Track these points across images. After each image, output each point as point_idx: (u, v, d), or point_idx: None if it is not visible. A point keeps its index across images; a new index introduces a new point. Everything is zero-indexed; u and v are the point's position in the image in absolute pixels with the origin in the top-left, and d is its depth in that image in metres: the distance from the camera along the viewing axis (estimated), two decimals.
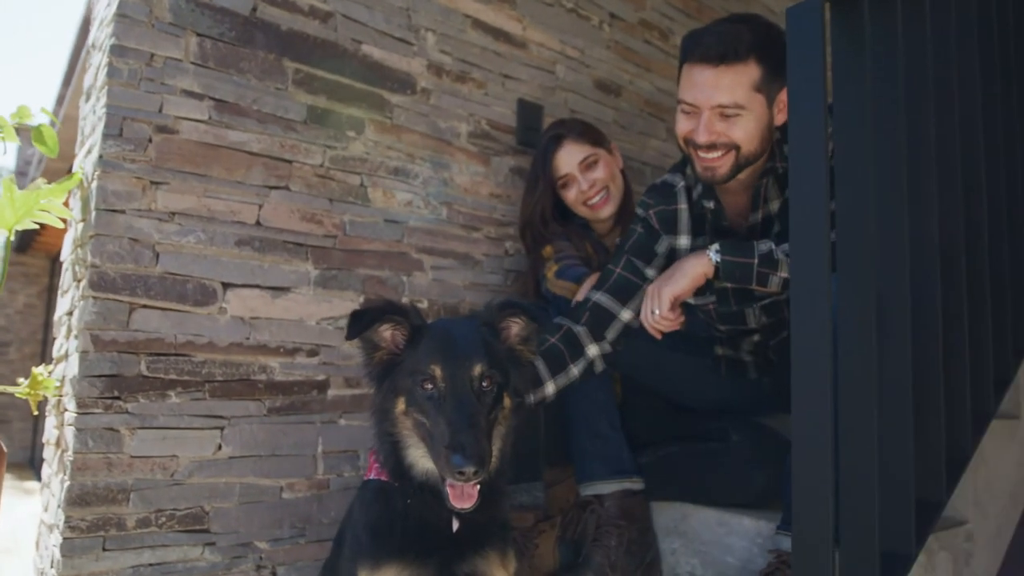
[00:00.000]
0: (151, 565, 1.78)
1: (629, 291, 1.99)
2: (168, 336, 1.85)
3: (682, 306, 1.85)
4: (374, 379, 1.47)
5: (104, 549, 1.72)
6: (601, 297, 2.00)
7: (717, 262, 1.77)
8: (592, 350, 1.99)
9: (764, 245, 1.77)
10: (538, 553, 2.04)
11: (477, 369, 1.38)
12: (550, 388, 1.94)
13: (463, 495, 1.29)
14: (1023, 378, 2.09)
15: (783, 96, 1.79)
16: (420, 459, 1.39)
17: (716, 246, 1.79)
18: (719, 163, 1.81)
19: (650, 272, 2.01)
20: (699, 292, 1.94)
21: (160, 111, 1.87)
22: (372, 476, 1.48)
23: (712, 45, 1.72)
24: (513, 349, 1.50)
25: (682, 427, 2.19)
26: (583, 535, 2.03)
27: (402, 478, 1.40)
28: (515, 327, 1.51)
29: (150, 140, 1.86)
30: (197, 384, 1.88)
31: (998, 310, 1.84)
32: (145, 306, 1.82)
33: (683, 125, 1.84)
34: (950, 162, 1.71)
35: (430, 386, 1.37)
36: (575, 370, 1.98)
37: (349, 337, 1.42)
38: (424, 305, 2.34)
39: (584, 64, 2.89)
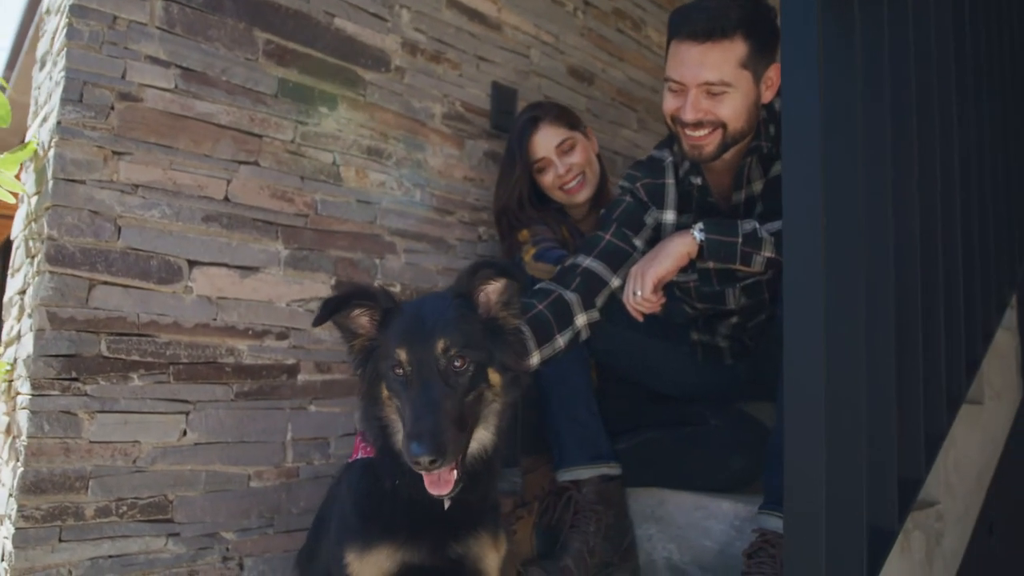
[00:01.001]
0: (111, 557, 1.68)
1: (620, 258, 1.94)
2: (130, 315, 1.75)
3: (663, 289, 1.83)
4: (357, 366, 1.41)
5: (60, 540, 1.62)
6: (592, 263, 1.93)
7: (701, 241, 1.76)
8: (581, 319, 1.91)
9: (748, 224, 1.77)
10: (515, 539, 2.01)
11: (441, 346, 1.29)
12: (535, 359, 1.84)
13: (438, 481, 1.23)
14: (987, 366, 2.16)
15: (770, 73, 1.79)
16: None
17: (700, 225, 1.78)
18: (706, 141, 1.80)
19: (638, 243, 1.97)
20: (681, 271, 1.93)
21: (123, 77, 1.77)
22: (360, 455, 1.43)
23: (699, 21, 1.71)
24: (494, 318, 1.40)
25: (659, 413, 2.19)
26: (560, 521, 2.00)
27: (390, 460, 1.35)
28: (493, 292, 1.41)
29: (112, 107, 1.75)
30: (161, 366, 1.79)
31: (970, 296, 1.88)
32: (106, 283, 1.72)
33: (670, 103, 1.83)
34: (930, 158, 1.74)
35: (399, 371, 1.31)
36: (561, 340, 1.88)
37: (315, 323, 1.36)
38: (397, 289, 2.28)
39: (558, 50, 2.87)
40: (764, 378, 2.14)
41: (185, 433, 1.82)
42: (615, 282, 1.93)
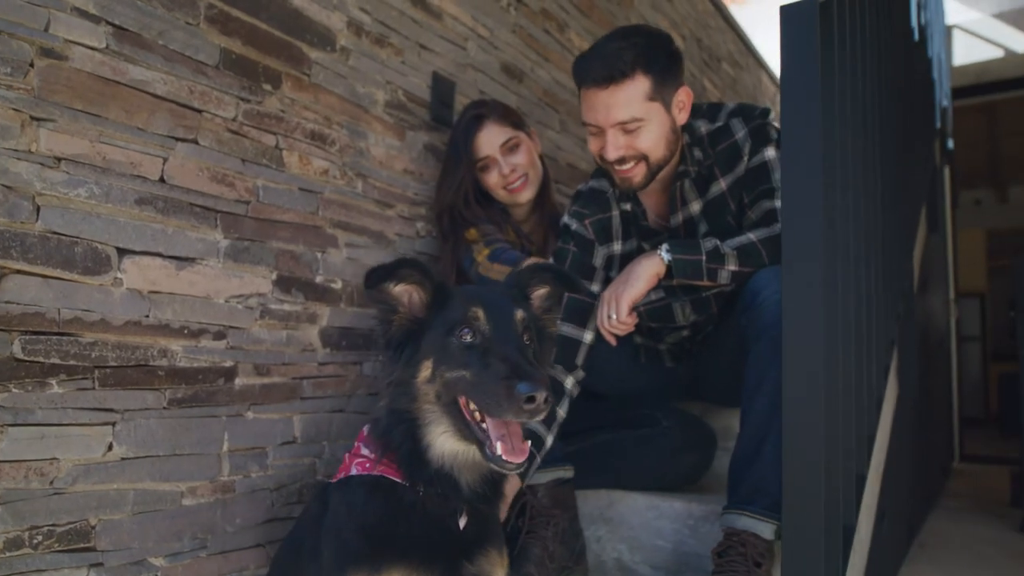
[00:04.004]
0: None
1: (584, 312, 2.00)
2: (50, 311, 1.49)
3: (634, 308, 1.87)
4: (393, 348, 1.31)
5: None
6: (563, 328, 1.98)
7: (669, 261, 1.82)
8: (569, 382, 1.99)
9: (709, 243, 1.84)
10: None
11: (520, 316, 1.30)
12: (549, 440, 1.92)
13: (516, 448, 1.18)
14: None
15: (680, 96, 1.91)
16: (439, 438, 1.26)
17: (666, 245, 1.84)
18: (632, 173, 1.90)
19: (595, 287, 2.03)
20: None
21: (47, 30, 1.50)
22: (355, 472, 1.30)
23: (598, 69, 1.81)
24: (538, 319, 1.41)
25: (609, 415, 2.21)
26: (516, 527, 1.97)
27: (414, 464, 1.25)
28: (540, 295, 1.45)
29: (32, 65, 1.48)
30: (85, 370, 1.54)
31: (883, 310, 2.08)
32: (20, 272, 1.45)
33: (593, 144, 1.94)
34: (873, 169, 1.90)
35: (469, 335, 1.26)
36: (561, 412, 1.96)
37: (369, 286, 1.26)
38: (338, 286, 2.13)
39: (493, 45, 2.82)
40: (702, 379, 2.24)
41: (111, 447, 1.58)
42: (587, 337, 2.01)
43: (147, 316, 1.65)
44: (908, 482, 3.03)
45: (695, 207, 2.01)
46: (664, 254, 1.82)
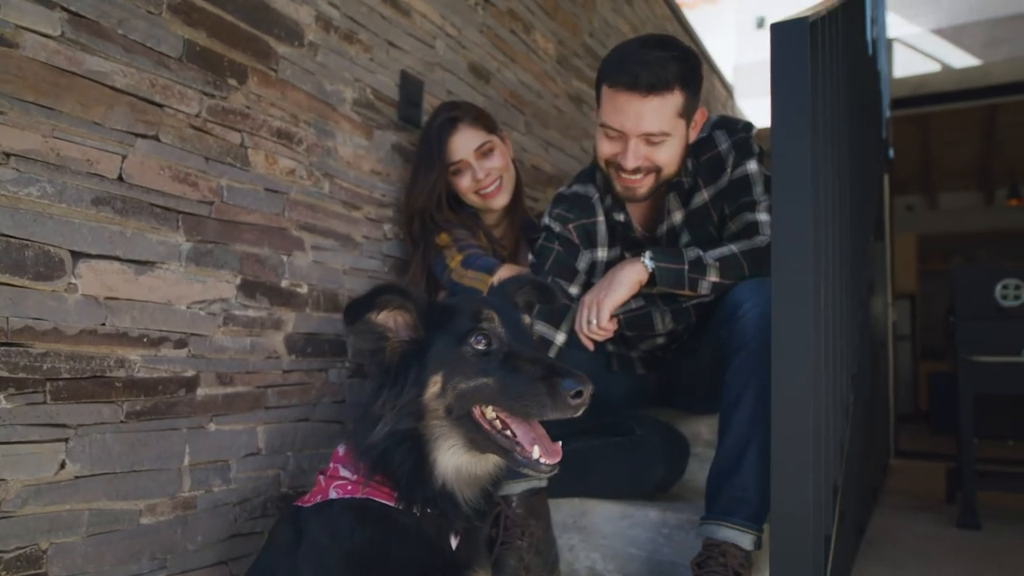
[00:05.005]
0: None
1: (560, 314, 1.95)
2: None
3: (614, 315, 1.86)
4: (393, 373, 1.24)
5: None
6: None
7: (652, 269, 1.81)
8: None
9: (692, 252, 1.84)
10: None
11: (527, 319, 1.37)
12: None
13: (550, 450, 1.20)
14: None
15: (696, 116, 1.89)
16: (446, 453, 1.22)
17: (649, 253, 1.83)
18: (639, 184, 1.87)
19: (574, 290, 1.99)
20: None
21: None
22: (335, 495, 1.24)
23: (641, 75, 1.75)
24: None
25: (582, 423, 2.18)
26: (490, 537, 1.93)
27: (414, 484, 1.20)
28: (520, 303, 1.47)
29: None
30: (36, 383, 1.43)
31: (849, 318, 2.12)
32: None
33: (606, 148, 1.87)
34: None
35: (484, 342, 1.24)
36: None
37: (349, 323, 1.20)
38: (304, 291, 2.05)
39: (461, 44, 2.76)
40: (673, 387, 2.25)
41: (64, 465, 1.47)
42: (559, 338, 1.96)
43: (103, 324, 1.55)
44: (859, 480, 3.11)
45: (677, 216, 2.01)
46: (647, 261, 1.81)
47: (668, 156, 1.86)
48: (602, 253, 2.05)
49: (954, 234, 11.36)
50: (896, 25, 6.42)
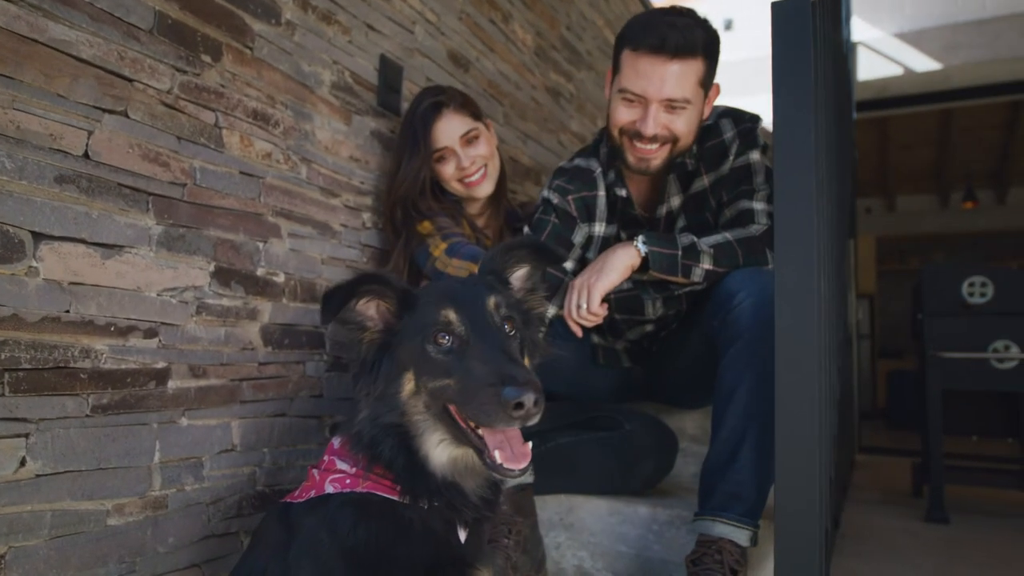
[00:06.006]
0: None
1: (553, 286, 1.89)
2: None
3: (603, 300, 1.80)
4: (369, 367, 1.17)
5: None
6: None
7: (646, 253, 1.76)
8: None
9: (686, 238, 1.80)
10: None
11: (493, 303, 1.20)
12: None
13: (516, 454, 1.08)
14: None
15: (712, 92, 1.85)
16: (436, 448, 1.15)
17: (642, 237, 1.78)
18: (655, 155, 1.81)
19: (568, 265, 1.93)
20: None
21: None
22: (331, 490, 1.16)
23: (669, 38, 1.71)
24: (521, 301, 1.31)
25: (569, 418, 2.14)
26: None
27: (415, 478, 1.13)
28: (520, 276, 1.34)
29: None
30: None
31: (835, 312, 2.11)
32: None
33: (624, 114, 1.81)
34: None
35: (446, 338, 1.16)
36: None
37: (325, 319, 1.11)
38: (280, 280, 1.96)
39: (440, 31, 2.69)
40: (660, 381, 2.21)
41: (24, 463, 1.36)
42: (549, 311, 1.89)
43: (67, 311, 1.44)
44: (833, 476, 3.13)
45: (675, 201, 1.98)
46: (640, 245, 1.76)
47: (686, 126, 1.82)
48: (599, 228, 1.99)
49: (911, 236, 11.67)
50: (860, 29, 6.54)
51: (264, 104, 1.91)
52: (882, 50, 6.55)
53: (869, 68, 6.67)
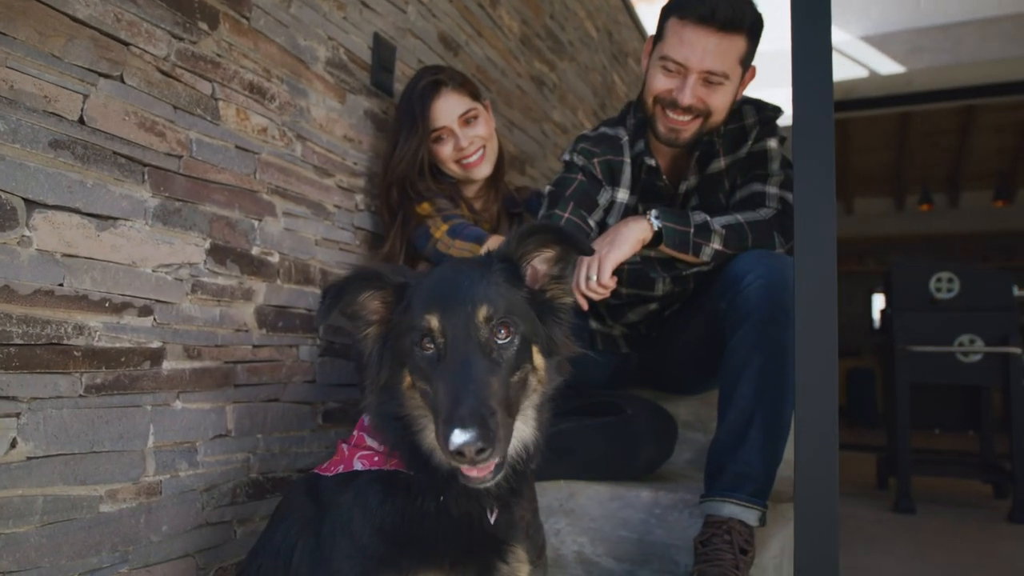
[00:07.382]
0: None
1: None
2: None
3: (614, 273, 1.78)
4: (377, 359, 1.13)
5: None
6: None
7: (659, 228, 1.75)
8: None
9: (699, 216, 1.80)
10: None
11: (483, 313, 1.07)
12: None
13: (473, 467, 0.98)
14: None
15: (748, 75, 1.87)
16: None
17: (655, 212, 1.77)
18: (687, 127, 1.81)
19: (592, 223, 1.91)
20: None
21: None
22: (359, 467, 1.12)
23: (720, 9, 1.70)
24: (542, 291, 1.21)
25: (567, 402, 2.11)
26: None
27: (422, 468, 1.08)
28: (543, 260, 1.21)
29: None
30: None
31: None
32: None
33: (662, 82, 1.81)
34: None
35: (428, 345, 1.08)
36: None
37: (320, 321, 1.08)
38: (275, 259, 1.89)
39: (432, 13, 2.64)
40: (656, 367, 2.21)
41: (15, 444, 1.28)
42: None
43: (61, 284, 1.36)
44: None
45: (692, 180, 1.98)
46: (654, 220, 1.75)
47: (721, 102, 1.82)
48: (623, 195, 1.96)
49: (868, 237, 11.98)
50: None
51: (260, 77, 1.85)
52: (849, 53, 6.70)
53: (836, 70, 6.81)
